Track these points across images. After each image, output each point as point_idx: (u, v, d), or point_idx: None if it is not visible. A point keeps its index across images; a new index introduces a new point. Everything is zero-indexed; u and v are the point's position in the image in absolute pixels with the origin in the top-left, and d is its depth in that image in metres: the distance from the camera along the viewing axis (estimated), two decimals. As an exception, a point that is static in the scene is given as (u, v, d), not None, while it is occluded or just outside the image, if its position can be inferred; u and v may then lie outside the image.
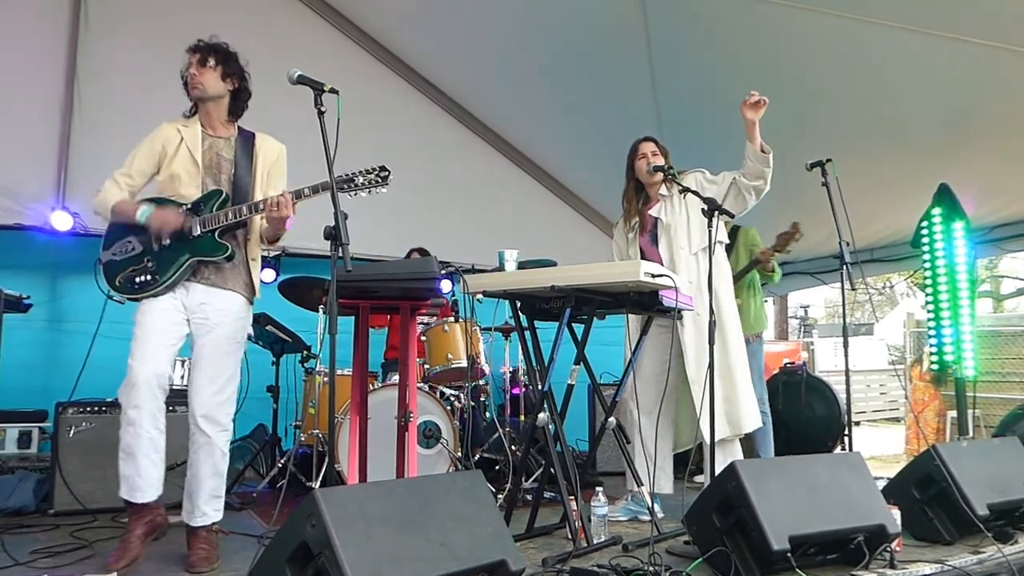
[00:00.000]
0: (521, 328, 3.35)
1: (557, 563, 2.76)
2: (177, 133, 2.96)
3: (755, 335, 4.63)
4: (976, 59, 3.89)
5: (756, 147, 3.45)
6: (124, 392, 2.77)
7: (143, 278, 2.85)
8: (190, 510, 2.93)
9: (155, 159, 2.95)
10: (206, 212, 2.89)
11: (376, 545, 1.92)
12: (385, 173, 2.79)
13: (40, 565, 2.76)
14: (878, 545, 2.67)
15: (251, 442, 4.99)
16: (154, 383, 2.77)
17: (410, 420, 3.14)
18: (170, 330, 2.85)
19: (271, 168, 3.07)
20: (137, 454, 2.75)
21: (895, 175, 4.98)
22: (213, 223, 2.88)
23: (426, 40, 5.75)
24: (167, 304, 2.86)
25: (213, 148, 2.99)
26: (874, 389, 14.61)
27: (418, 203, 5.84)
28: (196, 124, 2.99)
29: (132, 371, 2.76)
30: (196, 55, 2.97)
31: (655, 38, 4.66)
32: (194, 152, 2.94)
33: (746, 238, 4.68)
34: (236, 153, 3.00)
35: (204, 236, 2.88)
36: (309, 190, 2.81)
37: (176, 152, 2.93)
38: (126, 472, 2.78)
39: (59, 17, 4.78)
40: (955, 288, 5.10)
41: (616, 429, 3.58)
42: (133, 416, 2.74)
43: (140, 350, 2.78)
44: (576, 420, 5.02)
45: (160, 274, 2.85)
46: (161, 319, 2.84)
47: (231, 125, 3.06)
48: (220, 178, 2.97)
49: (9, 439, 4.14)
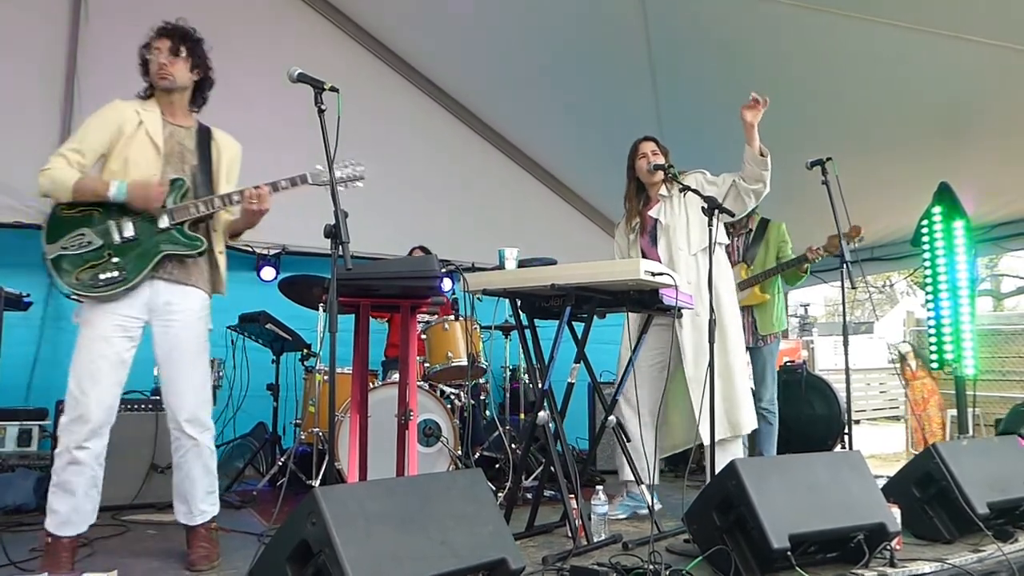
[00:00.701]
0: (521, 326, 3.35)
1: (557, 561, 2.76)
2: (136, 114, 2.75)
3: (776, 334, 4.59)
4: (977, 58, 3.88)
5: (755, 150, 3.45)
6: (71, 429, 2.59)
7: (108, 275, 2.62)
8: (186, 511, 2.87)
9: (108, 138, 2.70)
10: (171, 203, 2.72)
11: (376, 543, 1.92)
12: (361, 167, 2.81)
13: (39, 564, 2.76)
14: (878, 544, 2.67)
15: (251, 440, 4.99)
16: (107, 424, 2.64)
17: (410, 418, 3.14)
18: (124, 353, 2.67)
19: (231, 164, 2.97)
20: (77, 492, 2.61)
21: (895, 174, 4.98)
22: (182, 214, 2.72)
23: (427, 39, 5.75)
24: (124, 310, 2.66)
25: (175, 137, 2.82)
26: (874, 388, 14.61)
27: (418, 201, 5.85)
28: (156, 108, 2.80)
29: (84, 406, 2.57)
30: (167, 41, 2.78)
31: (655, 37, 4.66)
32: (155, 138, 2.74)
33: (777, 233, 4.61)
34: (196, 145, 2.86)
35: (173, 228, 2.72)
36: (287, 182, 2.76)
37: (134, 135, 2.72)
38: (59, 508, 2.61)
39: (59, 13, 4.78)
40: (955, 287, 5.09)
41: (616, 427, 3.59)
42: (80, 456, 2.59)
43: (92, 385, 2.58)
44: (576, 418, 5.02)
45: (129, 269, 2.65)
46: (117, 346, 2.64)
47: (191, 116, 2.91)
48: (183, 168, 2.81)
49: (9, 437, 4.13)
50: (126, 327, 2.68)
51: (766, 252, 4.59)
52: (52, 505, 2.64)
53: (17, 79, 4.64)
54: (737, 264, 4.50)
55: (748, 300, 4.47)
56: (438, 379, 4.61)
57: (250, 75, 5.22)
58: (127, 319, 2.68)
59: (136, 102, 2.81)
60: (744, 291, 4.40)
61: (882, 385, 14.62)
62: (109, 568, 2.69)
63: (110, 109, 2.75)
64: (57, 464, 2.63)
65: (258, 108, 5.16)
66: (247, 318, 4.72)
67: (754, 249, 4.58)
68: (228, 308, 4.99)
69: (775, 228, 4.63)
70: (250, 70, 5.23)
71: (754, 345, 4.52)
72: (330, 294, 2.34)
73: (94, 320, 2.64)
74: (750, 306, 4.51)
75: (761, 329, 4.54)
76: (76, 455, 2.60)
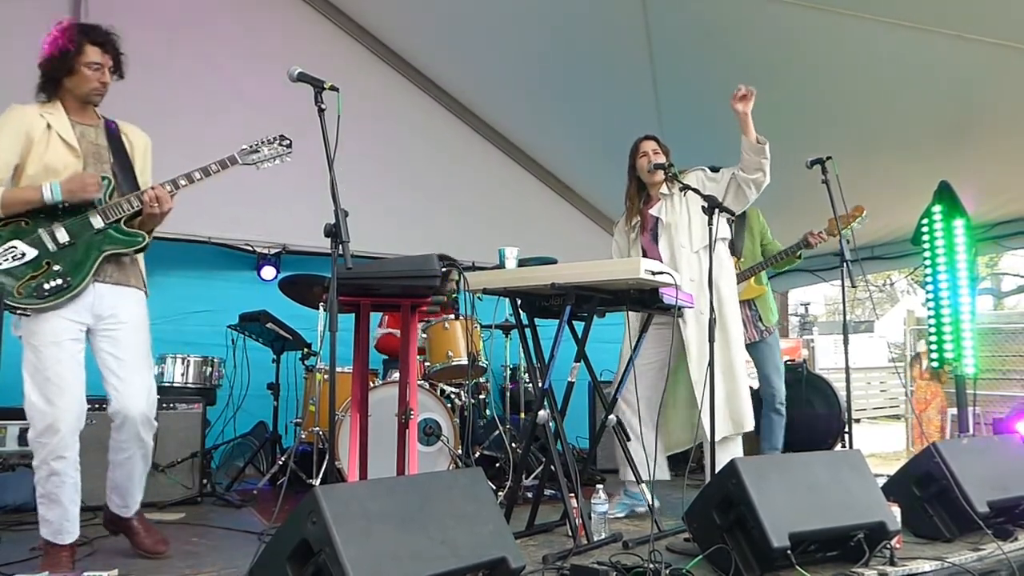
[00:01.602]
0: (521, 326, 3.35)
1: (557, 560, 2.76)
2: (41, 118, 2.67)
3: (774, 325, 4.60)
4: (978, 57, 3.88)
5: (751, 139, 3.45)
6: (44, 439, 2.56)
7: (53, 283, 2.57)
8: (122, 504, 2.92)
9: (19, 147, 2.62)
10: (101, 202, 2.68)
11: (377, 542, 1.92)
12: (287, 141, 2.79)
13: (40, 563, 2.76)
14: (878, 542, 2.67)
15: (251, 439, 4.99)
16: (77, 429, 2.62)
17: (410, 417, 3.14)
18: (78, 355, 2.64)
19: (144, 156, 2.93)
20: (63, 500, 2.62)
21: (895, 172, 4.98)
22: (116, 212, 2.68)
23: (427, 38, 5.75)
24: (69, 314, 2.62)
25: (86, 136, 2.76)
26: (874, 387, 14.63)
27: (419, 200, 5.86)
28: (60, 109, 2.72)
29: (54, 416, 2.54)
30: (109, 58, 2.74)
31: (656, 36, 4.66)
32: (68, 140, 2.69)
33: (757, 221, 4.59)
34: (108, 141, 2.81)
35: (109, 227, 2.69)
36: (216, 165, 2.75)
37: (47, 141, 2.65)
38: (50, 517, 2.63)
39: (59, 12, 4.77)
40: (955, 285, 5.10)
41: (616, 426, 3.59)
42: (58, 467, 2.58)
43: (59, 393, 2.54)
44: (576, 418, 5.02)
45: (73, 275, 2.61)
46: (70, 348, 2.61)
47: (94, 111, 2.84)
48: (103, 167, 2.76)
49: (10, 436, 4.12)
50: (72, 331, 2.64)
51: (752, 242, 4.56)
52: (43, 515, 2.66)
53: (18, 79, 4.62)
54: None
55: (746, 294, 4.42)
56: (438, 378, 4.61)
57: (248, 73, 5.23)
58: (72, 323, 2.64)
59: (36, 106, 2.72)
60: (740, 284, 4.33)
61: (882, 384, 14.64)
62: (109, 567, 2.70)
63: (12, 116, 2.66)
64: (38, 476, 2.62)
65: (257, 105, 5.16)
66: (247, 317, 4.72)
67: (740, 241, 4.52)
68: (228, 307, 5.01)
69: (754, 216, 4.58)
70: (248, 68, 5.24)
71: (759, 339, 4.51)
72: (330, 293, 2.34)
73: (40, 329, 2.58)
74: (750, 299, 4.49)
75: (764, 321, 4.53)
76: (54, 467, 2.59)
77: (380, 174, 5.67)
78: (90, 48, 2.71)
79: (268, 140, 2.83)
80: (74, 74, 2.72)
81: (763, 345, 4.53)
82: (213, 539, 3.30)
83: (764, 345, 4.53)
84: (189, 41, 5.06)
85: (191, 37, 5.06)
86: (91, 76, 2.72)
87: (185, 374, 4.42)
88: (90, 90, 2.74)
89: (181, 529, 3.46)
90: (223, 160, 2.76)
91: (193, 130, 4.62)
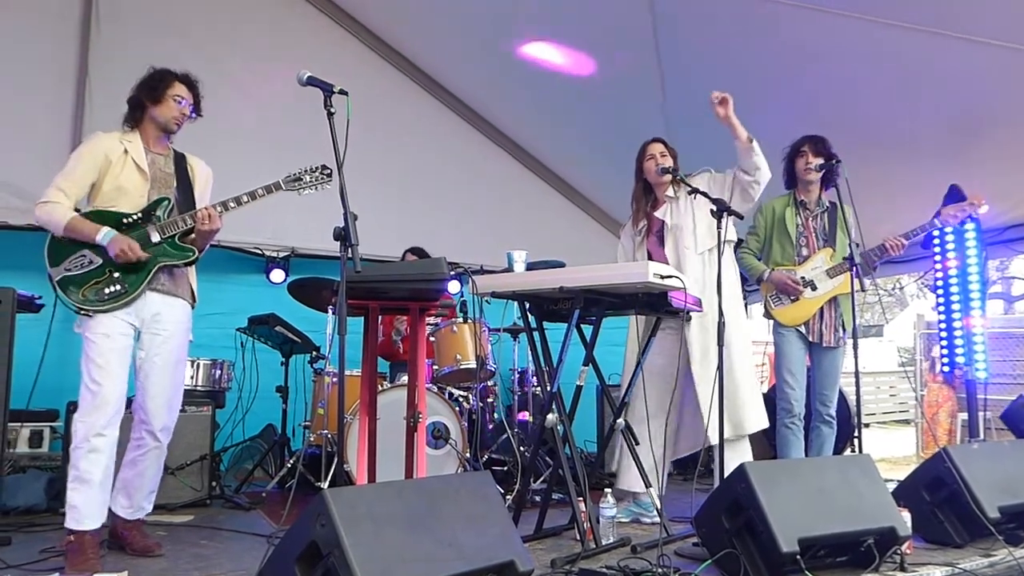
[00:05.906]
0: (530, 329, 3.35)
1: (566, 564, 2.75)
2: (119, 144, 2.99)
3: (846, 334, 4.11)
4: (988, 60, 3.87)
5: (743, 140, 3.47)
6: (89, 417, 2.77)
7: (112, 288, 2.87)
8: (128, 505, 3.01)
9: (97, 170, 2.95)
10: (160, 219, 2.97)
11: (385, 545, 1.92)
12: (328, 171, 2.98)
13: (50, 564, 2.78)
14: (888, 548, 2.66)
15: (260, 442, 5.01)
16: (121, 412, 2.84)
17: (419, 421, 3.14)
18: (126, 351, 2.90)
19: (204, 185, 3.22)
20: (95, 480, 2.76)
21: (905, 176, 4.95)
22: (172, 228, 2.97)
23: (434, 42, 5.76)
24: (122, 315, 2.88)
25: (156, 163, 3.06)
26: (884, 391, 14.52)
27: (427, 204, 5.87)
28: (137, 138, 3.04)
29: (100, 395, 2.77)
30: (191, 96, 3.08)
31: (663, 39, 4.65)
32: (141, 165, 2.99)
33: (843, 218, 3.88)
34: (175, 169, 3.12)
35: (164, 241, 2.96)
36: (263, 190, 2.98)
37: (123, 164, 2.97)
38: (77, 502, 2.75)
39: (70, 17, 4.80)
40: (966, 289, 5.07)
41: (624, 431, 3.58)
42: (98, 444, 2.76)
43: (106, 375, 2.79)
44: (585, 421, 5.02)
45: (130, 283, 2.89)
46: (120, 341, 2.87)
47: (167, 143, 3.15)
48: (166, 190, 3.06)
49: (21, 438, 4.16)
50: (123, 327, 2.90)
51: (844, 236, 3.93)
52: (71, 501, 2.76)
53: (29, 84, 4.67)
54: (822, 249, 4.02)
55: (842, 288, 3.88)
56: (446, 381, 4.61)
57: (259, 77, 5.26)
58: (125, 323, 2.90)
59: (118, 133, 3.04)
60: (837, 277, 3.91)
61: (892, 388, 14.53)
62: (120, 568, 2.72)
63: (95, 143, 2.99)
64: (74, 457, 2.78)
65: (268, 110, 5.19)
66: (256, 320, 4.74)
67: (833, 232, 4.04)
68: (238, 310, 5.02)
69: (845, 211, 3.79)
70: (259, 72, 5.27)
71: (836, 345, 3.99)
72: (339, 296, 2.35)
73: (97, 325, 2.85)
74: (836, 297, 3.97)
75: (846, 324, 3.97)
76: (95, 443, 2.75)
77: (389, 177, 5.68)
78: (178, 84, 3.06)
79: (311, 169, 3.03)
80: (159, 103, 3.02)
81: (839, 353, 4.03)
82: (222, 541, 3.31)
83: (839, 353, 4.04)
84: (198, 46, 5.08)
85: (200, 42, 5.08)
86: (174, 107, 3.03)
87: (195, 377, 4.43)
88: (171, 118, 3.04)
89: (190, 531, 3.48)
90: (268, 186, 3.00)
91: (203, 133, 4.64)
